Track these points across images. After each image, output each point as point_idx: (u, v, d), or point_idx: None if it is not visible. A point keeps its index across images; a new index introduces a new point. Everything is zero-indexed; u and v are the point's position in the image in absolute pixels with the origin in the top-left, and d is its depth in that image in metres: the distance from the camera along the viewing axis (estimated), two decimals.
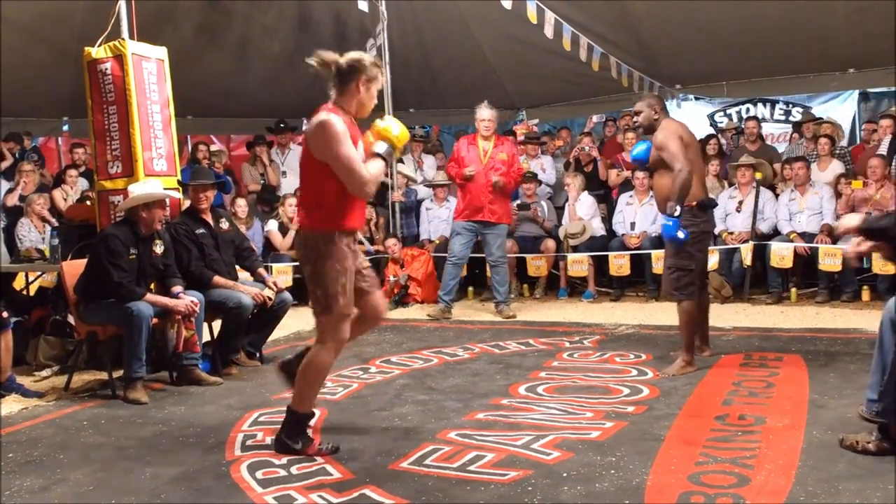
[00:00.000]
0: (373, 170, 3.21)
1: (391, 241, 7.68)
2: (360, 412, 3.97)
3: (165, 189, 4.86)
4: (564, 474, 2.98)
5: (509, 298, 6.95)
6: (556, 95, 9.59)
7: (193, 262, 4.90)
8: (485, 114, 6.75)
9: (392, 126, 3.36)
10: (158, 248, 4.65)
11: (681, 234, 4.34)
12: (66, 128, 9.23)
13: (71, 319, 5.30)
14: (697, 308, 4.58)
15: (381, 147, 3.30)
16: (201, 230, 5.02)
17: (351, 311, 3.29)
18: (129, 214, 4.57)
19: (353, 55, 3.30)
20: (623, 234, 7.47)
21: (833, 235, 6.62)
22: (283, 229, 7.70)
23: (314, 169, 3.23)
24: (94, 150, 5.15)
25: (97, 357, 4.94)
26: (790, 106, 10.00)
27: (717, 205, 5.44)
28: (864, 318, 5.72)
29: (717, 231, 7.28)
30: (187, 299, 4.55)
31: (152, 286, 4.66)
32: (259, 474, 3.11)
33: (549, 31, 7.37)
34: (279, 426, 3.40)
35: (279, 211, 7.82)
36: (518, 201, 7.81)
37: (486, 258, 6.94)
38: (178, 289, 4.62)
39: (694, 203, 4.45)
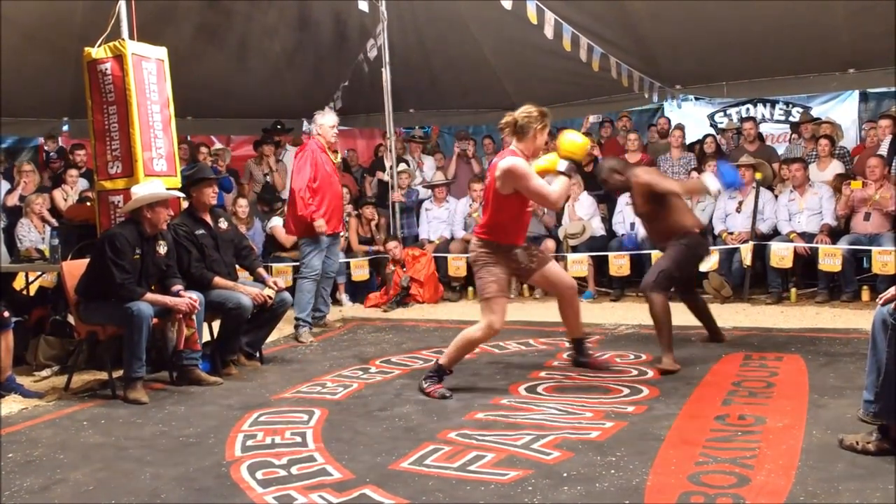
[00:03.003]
0: (557, 188, 4.10)
1: (392, 244, 7.68)
2: (360, 412, 3.97)
3: (167, 189, 4.86)
4: (564, 474, 2.99)
5: None
6: (555, 96, 9.56)
7: (193, 263, 4.89)
8: (335, 119, 6.17)
9: (564, 139, 4.21)
10: (162, 249, 4.65)
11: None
12: (66, 128, 9.22)
13: (71, 319, 5.30)
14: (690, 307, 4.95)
15: (562, 166, 4.14)
16: (201, 231, 5.02)
17: (500, 297, 4.12)
18: (132, 215, 4.57)
19: (527, 111, 4.15)
20: (623, 234, 7.47)
21: (832, 235, 6.65)
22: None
23: (498, 200, 4.14)
24: (94, 151, 5.15)
25: (97, 357, 4.94)
26: (790, 106, 10.00)
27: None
28: (864, 318, 5.70)
29: (717, 231, 7.30)
30: (187, 297, 4.55)
31: (153, 286, 4.66)
32: (259, 474, 3.11)
33: (549, 32, 7.36)
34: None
35: (284, 209, 7.82)
36: None
37: (328, 271, 6.25)
38: (178, 287, 4.62)
39: (698, 230, 4.93)
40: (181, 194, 5.11)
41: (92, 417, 4.08)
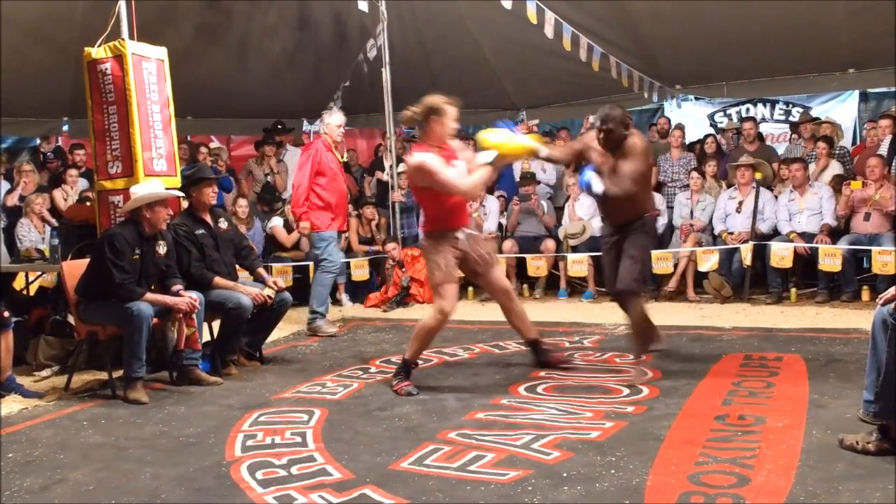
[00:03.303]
0: (475, 178, 4.25)
1: (390, 245, 7.69)
2: (360, 412, 3.97)
3: (167, 189, 4.86)
4: (564, 474, 2.98)
5: None
6: (556, 96, 9.59)
7: (194, 263, 4.89)
8: (342, 118, 6.28)
9: (489, 136, 4.35)
10: (161, 249, 4.65)
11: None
12: (66, 128, 9.23)
13: (71, 319, 5.30)
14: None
15: (485, 157, 4.28)
16: (201, 231, 5.01)
17: (446, 283, 4.27)
18: (132, 214, 4.57)
19: (426, 102, 4.30)
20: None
21: (832, 235, 6.65)
22: (288, 227, 7.70)
23: (419, 194, 4.49)
24: (94, 150, 5.15)
25: (97, 357, 4.94)
26: (790, 106, 9.99)
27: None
28: (864, 318, 5.69)
29: (717, 231, 7.29)
30: (187, 297, 4.55)
31: (153, 286, 4.66)
32: (259, 474, 3.11)
33: (549, 32, 7.37)
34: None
35: (284, 209, 7.83)
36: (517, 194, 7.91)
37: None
38: (178, 287, 4.61)
39: (656, 212, 4.73)
40: (180, 194, 5.10)
41: (92, 417, 4.08)
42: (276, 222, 7.77)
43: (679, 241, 7.33)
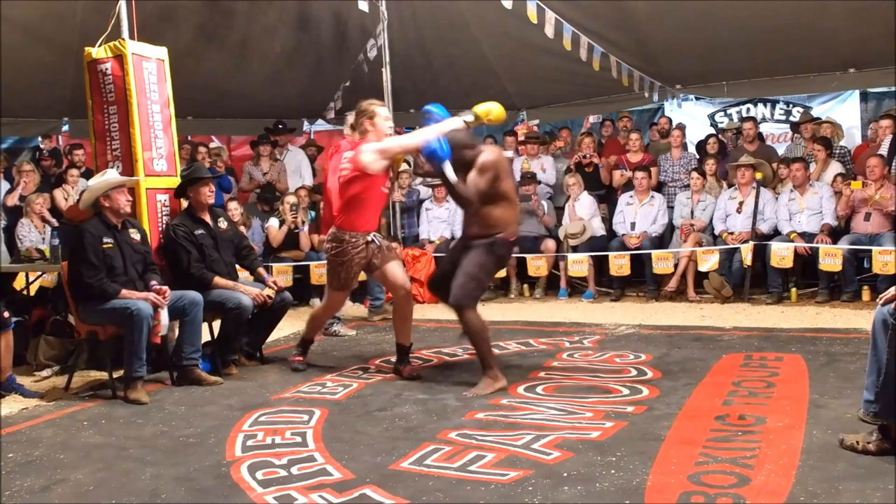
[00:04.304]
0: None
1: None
2: (360, 412, 3.97)
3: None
4: (564, 474, 2.98)
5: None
6: (556, 96, 9.60)
7: (193, 263, 4.88)
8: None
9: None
10: (136, 236, 4.66)
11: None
12: (66, 128, 9.23)
13: (71, 319, 5.30)
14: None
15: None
16: (200, 231, 5.01)
17: (337, 288, 4.76)
18: (94, 209, 4.60)
19: (358, 107, 4.68)
20: (623, 235, 7.47)
21: (833, 235, 6.64)
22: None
23: (345, 188, 4.68)
24: (95, 151, 5.15)
25: (97, 357, 4.94)
26: (790, 106, 9.99)
27: None
28: (864, 318, 5.70)
29: (717, 231, 7.30)
30: (154, 289, 4.52)
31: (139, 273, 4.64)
32: (259, 474, 3.11)
33: (549, 31, 7.37)
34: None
35: (280, 209, 7.83)
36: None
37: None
38: (153, 282, 4.60)
39: (513, 237, 4.39)
40: (135, 179, 5.00)
41: (92, 417, 4.08)
42: (272, 222, 7.76)
43: (679, 241, 7.34)
